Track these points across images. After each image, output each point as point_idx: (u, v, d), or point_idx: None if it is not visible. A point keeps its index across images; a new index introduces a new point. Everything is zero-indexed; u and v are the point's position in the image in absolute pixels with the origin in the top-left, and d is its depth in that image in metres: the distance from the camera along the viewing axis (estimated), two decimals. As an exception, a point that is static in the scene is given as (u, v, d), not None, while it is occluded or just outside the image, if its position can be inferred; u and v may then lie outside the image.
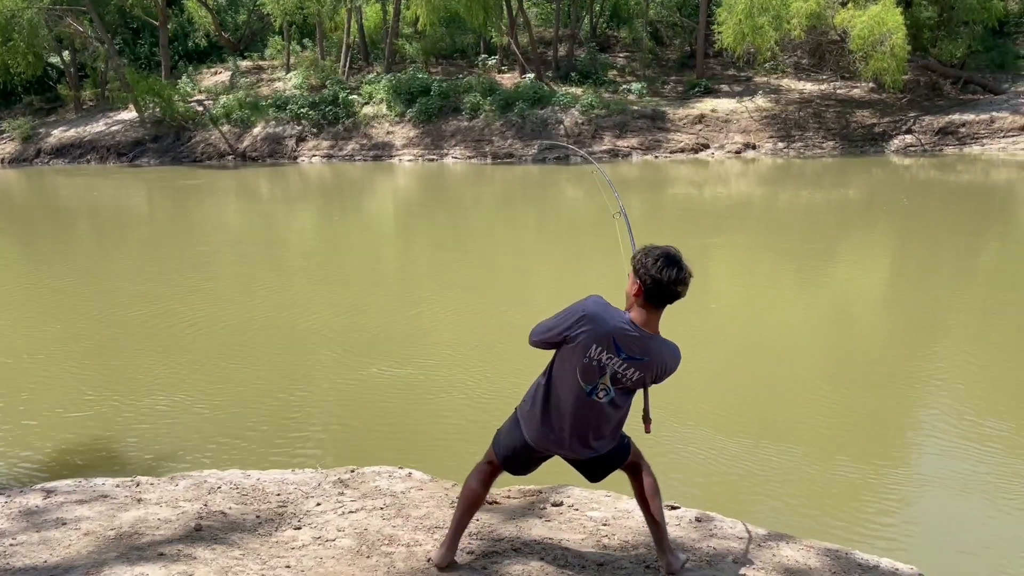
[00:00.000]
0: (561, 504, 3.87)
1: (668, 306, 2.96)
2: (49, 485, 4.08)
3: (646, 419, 3.08)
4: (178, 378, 7.33)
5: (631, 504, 3.90)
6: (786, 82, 26.66)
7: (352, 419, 6.51)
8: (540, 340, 3.04)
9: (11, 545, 3.30)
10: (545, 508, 3.83)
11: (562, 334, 2.95)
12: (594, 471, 3.18)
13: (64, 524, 3.51)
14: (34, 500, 3.81)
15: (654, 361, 2.92)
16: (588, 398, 2.96)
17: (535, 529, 3.59)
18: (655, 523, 3.21)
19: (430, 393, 6.86)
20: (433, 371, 7.34)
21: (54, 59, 30.71)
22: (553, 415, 3.02)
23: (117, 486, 4.03)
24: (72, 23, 28.66)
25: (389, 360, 7.65)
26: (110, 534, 3.41)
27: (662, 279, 2.84)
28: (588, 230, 14.04)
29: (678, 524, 3.67)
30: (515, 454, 3.15)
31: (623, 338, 2.89)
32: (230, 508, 3.75)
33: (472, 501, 3.22)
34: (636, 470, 3.20)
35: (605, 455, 3.11)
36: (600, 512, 3.81)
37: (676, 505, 3.91)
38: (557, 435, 3.03)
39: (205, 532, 3.47)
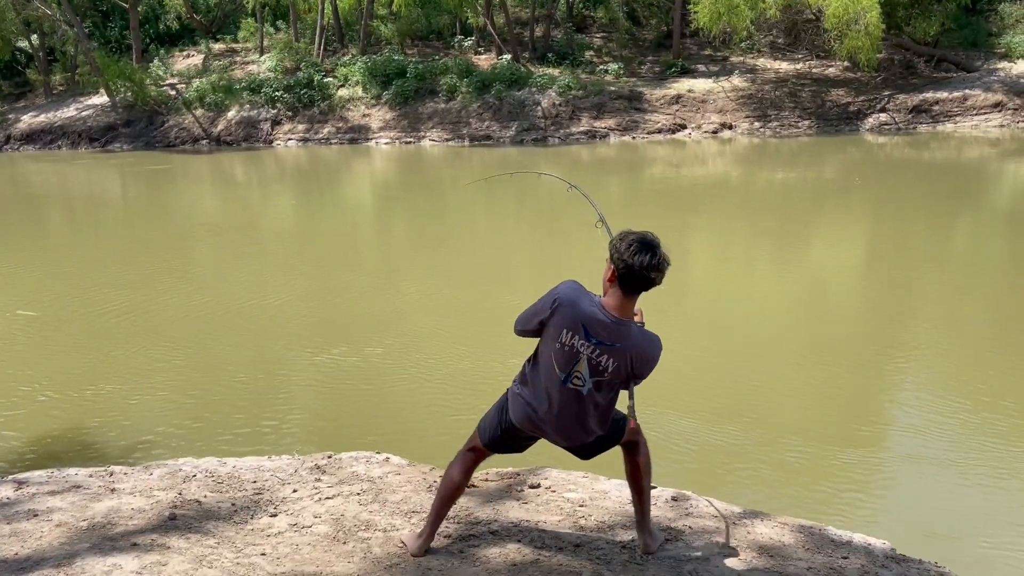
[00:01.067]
0: (538, 486, 3.88)
1: (644, 293, 2.90)
2: (21, 476, 4.03)
3: (631, 416, 3.03)
4: (152, 365, 7.26)
5: (608, 485, 3.93)
6: (762, 62, 26.70)
7: (329, 405, 6.49)
8: (522, 330, 3.03)
9: (-19, 538, 3.26)
10: (522, 491, 3.83)
11: (540, 321, 2.92)
12: (585, 451, 3.14)
13: (36, 516, 3.47)
14: (5, 492, 3.77)
15: (626, 349, 2.85)
16: (564, 386, 2.91)
17: (512, 512, 3.60)
18: (640, 501, 3.21)
19: (408, 378, 6.85)
20: (410, 355, 7.32)
21: (22, 43, 30.11)
22: (537, 400, 2.99)
23: (90, 476, 4.00)
24: (40, 6, 28.08)
25: (366, 344, 7.62)
26: (83, 525, 3.38)
27: (634, 264, 2.77)
28: (566, 212, 14.02)
29: (655, 504, 3.69)
30: (501, 435, 3.11)
31: (592, 323, 2.83)
32: (205, 496, 3.72)
33: (452, 491, 3.19)
34: (632, 448, 3.16)
35: (593, 441, 3.07)
36: (577, 493, 3.82)
37: (653, 485, 3.93)
38: (541, 419, 3.00)
39: (179, 521, 3.44)
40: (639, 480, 3.18)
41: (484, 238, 12.85)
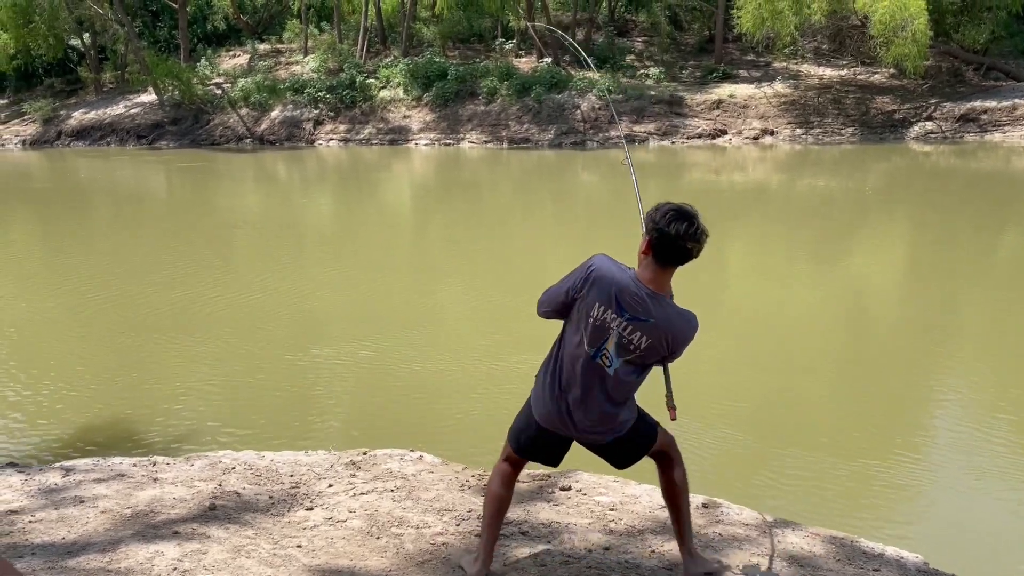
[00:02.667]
0: (569, 488, 3.92)
1: (680, 268, 2.73)
2: (68, 463, 4.17)
3: (670, 405, 2.86)
4: (195, 359, 7.42)
5: (639, 489, 3.94)
6: (805, 67, 26.40)
7: (365, 402, 6.58)
8: (549, 309, 2.86)
9: (30, 522, 3.38)
10: (553, 492, 3.87)
11: (570, 293, 2.76)
12: (618, 455, 2.98)
13: (82, 502, 3.59)
14: (53, 478, 3.90)
15: (660, 324, 2.68)
16: (593, 361, 2.74)
17: (543, 513, 3.64)
18: (678, 521, 3.02)
19: (442, 378, 6.92)
20: (444, 356, 7.39)
21: (75, 41, 30.87)
22: (560, 388, 2.82)
23: (134, 465, 4.12)
24: (92, 5, 28.78)
25: (400, 344, 7.71)
26: (127, 512, 3.49)
27: (669, 232, 2.63)
28: (603, 216, 14.03)
29: (684, 510, 3.70)
30: (528, 438, 2.96)
31: (626, 295, 2.67)
32: (244, 488, 3.82)
33: (497, 506, 3.02)
34: (666, 461, 3.00)
35: (626, 438, 2.89)
36: (608, 497, 3.85)
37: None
38: (565, 409, 2.82)
39: (219, 511, 3.54)
40: (676, 499, 3.00)
41: (521, 240, 12.90)
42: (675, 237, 2.64)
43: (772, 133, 23.46)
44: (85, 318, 8.79)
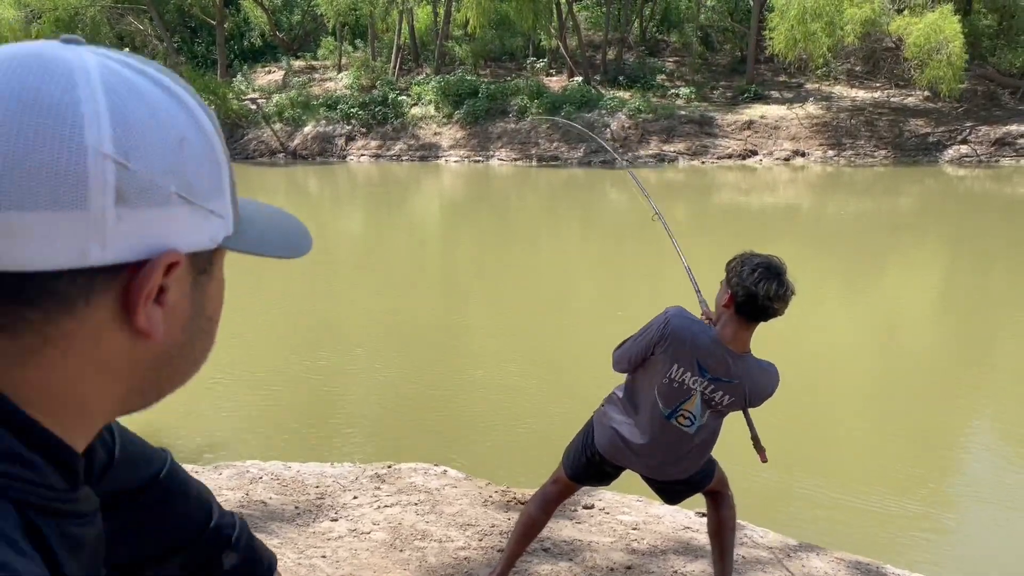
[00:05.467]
0: (592, 507, 3.92)
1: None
2: (100, 469, 4.24)
3: (757, 447, 2.82)
4: (223, 369, 7.53)
5: (662, 509, 3.94)
6: (838, 89, 26.27)
7: (391, 416, 6.63)
8: (625, 366, 2.76)
9: (63, 525, 3.45)
10: (576, 510, 3.88)
11: (649, 350, 2.65)
12: (671, 494, 2.95)
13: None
14: (86, 483, 3.98)
15: (744, 383, 2.63)
16: (666, 420, 2.67)
17: (565, 530, 3.64)
18: (721, 559, 2.99)
19: (469, 392, 6.95)
20: (470, 372, 7.43)
21: (115, 56, 31.54)
22: (631, 432, 2.74)
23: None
24: (133, 21, 29.45)
25: (428, 359, 7.76)
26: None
27: (757, 293, 2.47)
28: (632, 234, 14.02)
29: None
30: (586, 464, 2.86)
31: (708, 358, 2.59)
32: (271, 498, 3.87)
33: (529, 528, 2.95)
34: (719, 498, 2.96)
35: (683, 479, 2.85)
36: (631, 516, 3.85)
37: (705, 512, 3.93)
38: (633, 451, 2.76)
39: (246, 520, 3.58)
40: (723, 536, 2.97)
41: (548, 258, 12.93)
42: (763, 298, 2.48)
43: (803, 154, 23.34)
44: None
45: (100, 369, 0.55)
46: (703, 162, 23.25)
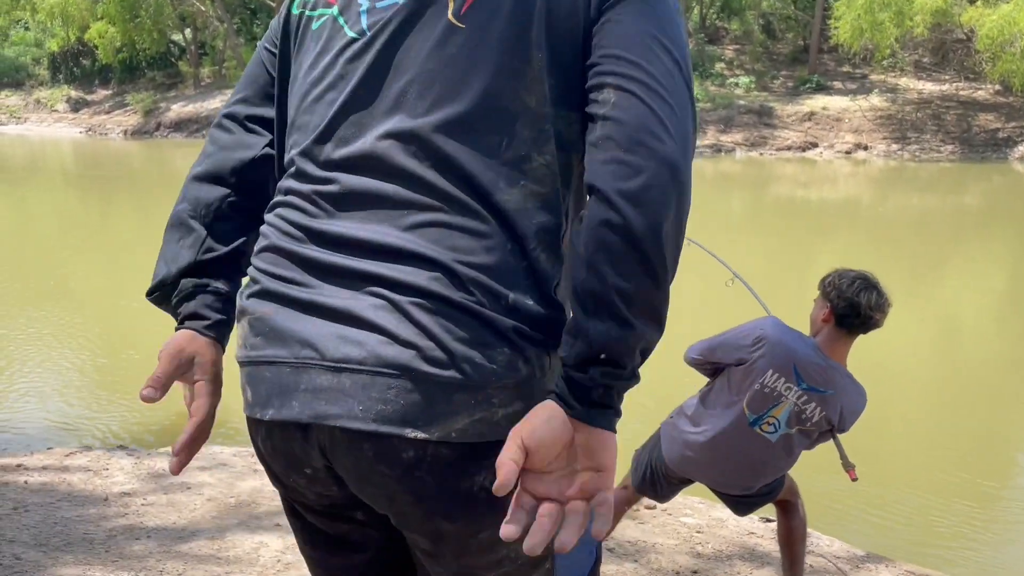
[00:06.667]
0: (654, 507, 3.92)
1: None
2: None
3: (846, 466, 2.77)
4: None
5: (725, 513, 3.91)
6: (904, 81, 25.59)
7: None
8: (702, 359, 2.75)
9: (142, 505, 3.57)
10: (639, 510, 3.88)
11: (735, 355, 2.65)
12: (744, 504, 2.92)
13: (189, 488, 3.77)
14: (160, 463, 4.10)
15: (838, 396, 2.62)
16: (750, 428, 2.65)
17: (628, 531, 3.65)
18: (792, 570, 2.97)
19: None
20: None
21: (176, 37, 32.21)
22: (704, 444, 2.72)
23: (235, 455, 4.30)
24: (195, 2, 29.96)
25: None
26: (230, 501, 3.65)
27: (860, 302, 2.61)
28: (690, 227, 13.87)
29: (774, 538, 3.67)
30: (652, 476, 2.88)
31: (806, 365, 2.59)
32: (338, 485, 3.95)
33: None
34: (789, 508, 2.94)
35: (755, 492, 2.83)
36: (694, 519, 3.84)
37: (771, 518, 3.90)
38: (705, 463, 2.76)
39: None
40: (794, 546, 2.95)
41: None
42: (865, 308, 2.63)
43: (866, 148, 22.82)
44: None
45: None
46: (761, 153, 22.88)
